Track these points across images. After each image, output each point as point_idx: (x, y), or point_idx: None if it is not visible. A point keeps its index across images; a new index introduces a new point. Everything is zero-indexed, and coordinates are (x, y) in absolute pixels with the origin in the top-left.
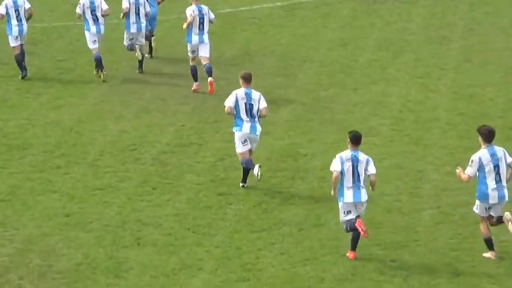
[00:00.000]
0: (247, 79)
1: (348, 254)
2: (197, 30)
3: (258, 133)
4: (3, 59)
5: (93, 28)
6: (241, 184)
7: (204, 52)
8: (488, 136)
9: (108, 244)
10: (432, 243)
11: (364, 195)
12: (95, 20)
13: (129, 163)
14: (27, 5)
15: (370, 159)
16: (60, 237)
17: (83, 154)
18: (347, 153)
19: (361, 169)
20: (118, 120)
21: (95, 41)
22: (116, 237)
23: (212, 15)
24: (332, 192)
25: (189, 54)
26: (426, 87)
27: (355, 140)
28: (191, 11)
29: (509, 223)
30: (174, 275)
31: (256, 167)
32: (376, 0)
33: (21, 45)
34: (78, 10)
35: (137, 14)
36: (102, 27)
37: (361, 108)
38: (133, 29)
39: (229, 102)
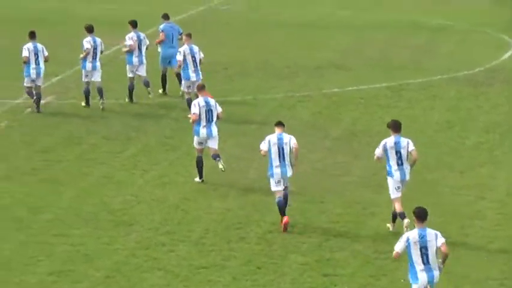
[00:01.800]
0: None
1: (284, 219)
2: (193, 68)
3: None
4: (110, 134)
5: None
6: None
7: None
8: (395, 127)
9: None
10: None
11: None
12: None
13: (234, 242)
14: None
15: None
16: None
17: (188, 232)
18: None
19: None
20: (223, 198)
21: None
22: None
23: (201, 55)
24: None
25: (185, 89)
26: None
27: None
28: (182, 50)
29: (405, 228)
30: None
31: (221, 163)
32: (483, 82)
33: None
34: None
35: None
36: None
37: (467, 191)
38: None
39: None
